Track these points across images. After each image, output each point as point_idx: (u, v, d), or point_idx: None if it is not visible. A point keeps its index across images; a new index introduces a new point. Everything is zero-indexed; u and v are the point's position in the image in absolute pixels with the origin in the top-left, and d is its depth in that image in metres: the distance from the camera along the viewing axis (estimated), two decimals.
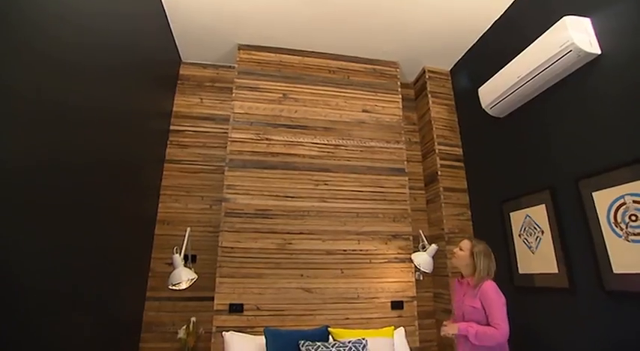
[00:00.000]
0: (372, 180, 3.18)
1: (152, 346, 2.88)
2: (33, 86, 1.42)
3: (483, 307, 2.11)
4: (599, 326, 2.12)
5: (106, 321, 2.24)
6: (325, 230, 2.97)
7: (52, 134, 1.56)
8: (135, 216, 2.70)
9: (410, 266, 3.04)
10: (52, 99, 1.55)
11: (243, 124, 3.12)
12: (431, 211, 3.53)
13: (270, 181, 3.00)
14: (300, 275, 2.84)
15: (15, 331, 1.39)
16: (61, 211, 1.66)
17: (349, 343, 2.25)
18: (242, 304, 2.71)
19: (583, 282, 2.25)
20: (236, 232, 2.84)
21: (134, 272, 2.78)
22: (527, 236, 2.72)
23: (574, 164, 2.34)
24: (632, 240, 1.96)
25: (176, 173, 3.29)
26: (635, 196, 1.96)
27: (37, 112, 1.46)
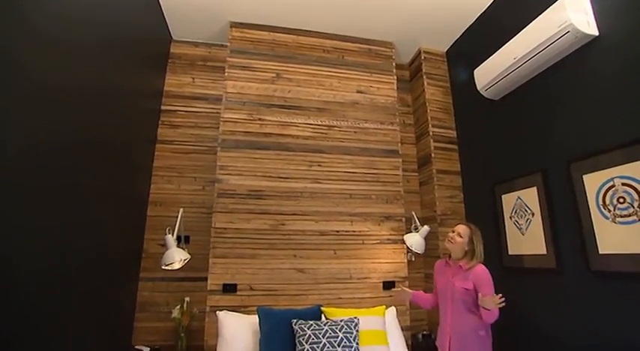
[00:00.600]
0: (366, 161, 3.17)
1: (147, 325, 2.91)
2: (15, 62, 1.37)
3: (474, 289, 2.18)
4: (585, 305, 2.18)
5: (99, 301, 2.24)
6: (318, 211, 2.98)
7: (37, 113, 1.51)
8: (127, 197, 2.67)
9: (402, 247, 3.07)
10: (35, 75, 1.49)
11: (235, 104, 3.07)
12: (424, 193, 3.55)
13: (263, 161, 2.98)
14: (294, 256, 2.86)
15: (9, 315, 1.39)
16: (50, 193, 1.63)
17: (341, 321, 2.29)
18: (235, 285, 2.73)
19: (570, 262, 2.30)
20: (229, 213, 2.83)
21: (127, 253, 2.77)
22: (517, 218, 2.76)
23: (566, 147, 2.35)
24: (618, 222, 2.00)
25: (168, 154, 3.25)
26: (624, 179, 1.98)
27: (20, 90, 1.41)
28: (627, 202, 1.96)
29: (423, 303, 2.52)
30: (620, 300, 2.00)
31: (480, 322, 2.21)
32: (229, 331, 2.45)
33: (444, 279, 2.34)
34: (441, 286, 2.36)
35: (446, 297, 2.29)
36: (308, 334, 2.17)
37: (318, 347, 2.11)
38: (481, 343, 2.20)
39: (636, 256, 1.92)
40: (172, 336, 2.86)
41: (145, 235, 3.05)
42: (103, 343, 2.37)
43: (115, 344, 2.61)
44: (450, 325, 2.25)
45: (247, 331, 2.44)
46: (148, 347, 2.76)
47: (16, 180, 1.39)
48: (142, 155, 3.01)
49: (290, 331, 2.26)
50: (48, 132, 1.59)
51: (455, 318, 2.23)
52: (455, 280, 2.26)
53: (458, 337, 2.21)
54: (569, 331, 2.27)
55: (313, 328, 2.21)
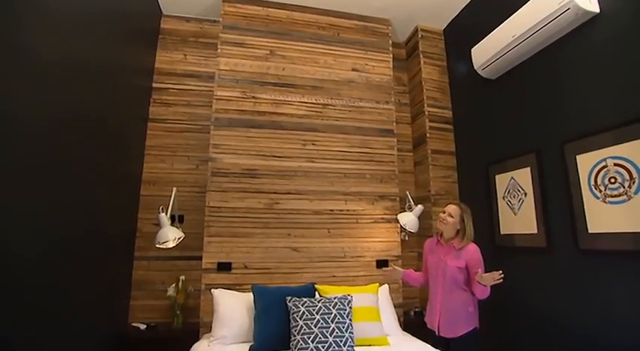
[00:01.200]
0: (361, 141, 3.15)
1: (142, 303, 2.94)
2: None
3: (466, 268, 2.23)
4: (573, 282, 2.24)
5: (94, 280, 2.24)
6: (313, 190, 2.97)
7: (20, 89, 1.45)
8: (119, 176, 2.64)
9: (396, 226, 3.10)
10: (18, 50, 1.43)
11: (228, 82, 3.01)
12: (418, 173, 3.55)
13: (257, 140, 2.95)
14: (288, 234, 2.87)
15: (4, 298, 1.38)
16: (39, 173, 1.60)
17: (335, 298, 2.31)
18: (230, 263, 2.74)
19: (560, 241, 2.34)
20: (223, 192, 2.82)
21: (121, 232, 2.76)
22: (510, 198, 2.78)
23: (561, 128, 2.36)
24: (609, 201, 2.03)
25: (161, 133, 3.20)
26: (616, 159, 2.00)
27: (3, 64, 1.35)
28: (618, 182, 1.98)
29: (413, 281, 2.58)
30: (606, 277, 2.05)
31: (470, 299, 2.27)
32: (224, 308, 2.47)
33: (435, 258, 2.38)
34: (432, 264, 2.39)
35: (437, 275, 2.33)
36: (302, 311, 2.20)
37: (312, 323, 2.14)
38: (469, 318, 2.26)
39: (623, 234, 1.96)
40: (168, 314, 2.89)
41: (139, 214, 3.04)
42: (100, 321, 2.39)
43: (112, 322, 2.64)
44: (441, 303, 2.30)
45: (242, 309, 2.47)
46: (145, 324, 2.79)
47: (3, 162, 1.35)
48: (133, 134, 2.96)
49: (284, 308, 2.29)
50: (34, 110, 1.53)
51: (445, 295, 2.28)
52: (447, 258, 2.30)
53: (448, 314, 2.27)
54: (557, 307, 2.33)
55: (307, 305, 2.24)
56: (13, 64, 1.40)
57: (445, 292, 2.29)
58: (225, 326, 2.40)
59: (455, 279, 2.26)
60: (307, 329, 2.12)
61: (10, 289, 1.40)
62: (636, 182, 1.90)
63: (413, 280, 2.57)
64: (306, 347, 2.06)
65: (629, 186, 1.93)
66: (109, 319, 2.57)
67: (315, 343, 2.07)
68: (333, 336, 2.11)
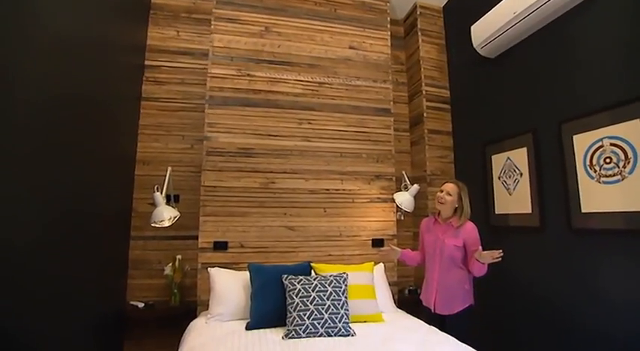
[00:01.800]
0: (357, 120, 3.12)
1: (140, 282, 2.96)
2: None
3: (464, 246, 2.26)
4: (564, 261, 2.28)
5: (91, 260, 2.25)
6: (309, 169, 2.96)
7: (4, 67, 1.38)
8: (113, 156, 2.60)
9: (391, 206, 3.10)
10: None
11: (223, 60, 2.94)
12: (415, 153, 3.54)
13: (252, 119, 2.91)
14: (284, 214, 2.87)
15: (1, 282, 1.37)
16: (31, 154, 1.55)
17: (330, 276, 2.34)
18: (226, 242, 2.75)
19: (553, 221, 2.37)
20: (218, 171, 2.80)
21: (116, 212, 2.75)
22: (506, 178, 2.79)
23: (559, 107, 2.35)
24: (603, 181, 2.05)
25: (154, 112, 3.15)
26: (613, 139, 2.01)
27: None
28: (613, 162, 1.99)
29: (410, 261, 2.59)
30: (597, 256, 2.09)
31: (466, 277, 2.30)
32: (221, 286, 2.49)
33: (433, 236, 2.39)
34: (430, 243, 2.41)
35: (434, 253, 2.35)
36: (298, 289, 2.22)
37: (308, 300, 2.17)
38: (465, 296, 2.29)
39: (615, 214, 1.99)
40: (166, 292, 2.92)
41: (134, 194, 3.02)
42: (98, 299, 2.41)
43: (111, 300, 2.66)
44: (437, 281, 2.32)
45: (239, 287, 2.49)
46: (143, 303, 2.82)
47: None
48: (126, 113, 2.90)
49: (280, 286, 2.31)
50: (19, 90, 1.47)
51: (442, 273, 2.31)
52: (445, 237, 2.31)
53: (444, 292, 2.30)
54: (549, 285, 2.38)
55: (303, 282, 2.26)
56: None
57: (442, 270, 2.31)
58: (222, 304, 2.43)
59: (452, 257, 2.28)
60: (303, 306, 2.15)
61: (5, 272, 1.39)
62: (631, 162, 1.91)
63: (410, 259, 2.57)
64: (302, 323, 2.09)
65: (624, 166, 1.94)
66: (108, 297, 2.59)
67: (311, 320, 2.10)
68: (328, 313, 2.14)
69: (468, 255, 2.27)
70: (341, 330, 2.11)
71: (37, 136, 1.59)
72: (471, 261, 2.21)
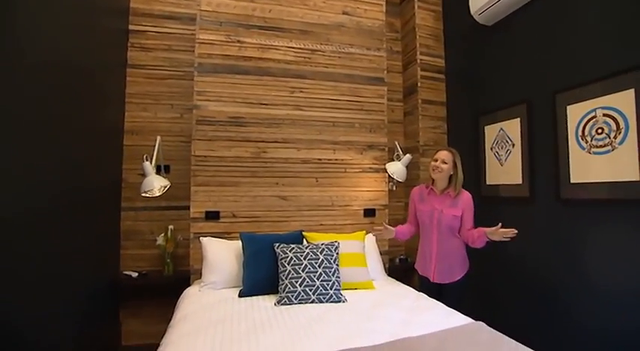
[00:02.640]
0: (350, 88, 3.05)
1: (133, 252, 2.97)
2: None
3: (461, 215, 2.27)
4: (552, 230, 2.32)
5: (83, 232, 2.24)
6: (300, 139, 2.92)
7: None
8: (100, 126, 2.52)
9: (384, 176, 3.10)
10: None
11: (211, 25, 2.82)
12: (408, 123, 3.51)
13: (243, 87, 2.83)
14: (276, 183, 2.86)
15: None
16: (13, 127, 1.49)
17: (322, 244, 2.35)
18: (218, 212, 2.74)
19: (542, 191, 2.40)
20: (209, 141, 2.75)
21: (106, 183, 2.70)
22: (498, 149, 2.79)
23: (554, 77, 2.33)
24: (593, 152, 2.06)
25: (141, 80, 3.05)
26: (606, 109, 2.01)
27: None
28: (605, 132, 2.00)
29: (402, 236, 2.51)
30: (582, 225, 2.14)
31: (462, 244, 2.34)
32: (213, 255, 2.51)
33: (428, 207, 2.37)
34: (425, 213, 2.38)
35: (431, 224, 2.34)
36: (290, 257, 2.24)
37: (300, 268, 2.19)
38: (463, 264, 2.35)
39: (602, 184, 2.02)
40: (159, 262, 2.94)
41: (124, 165, 2.98)
42: (92, 270, 2.42)
43: (104, 270, 2.67)
44: (436, 251, 2.33)
45: (231, 255, 2.51)
46: (136, 272, 2.84)
47: None
48: (111, 81, 2.80)
49: (272, 254, 2.33)
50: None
51: (441, 243, 2.32)
52: (443, 207, 2.31)
53: (444, 261, 2.32)
54: (536, 254, 2.43)
55: (295, 250, 2.27)
56: None
57: (441, 241, 2.32)
58: (215, 272, 2.45)
59: (451, 227, 2.30)
60: (295, 274, 2.18)
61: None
62: (622, 132, 1.92)
63: (403, 234, 2.50)
64: (294, 291, 2.13)
65: (615, 137, 1.95)
66: (101, 268, 2.60)
67: (303, 287, 2.14)
68: (320, 280, 2.17)
69: (463, 224, 2.29)
70: (332, 297, 2.15)
71: (18, 109, 1.52)
72: (476, 234, 2.20)
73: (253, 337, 1.62)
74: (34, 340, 1.70)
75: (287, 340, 1.59)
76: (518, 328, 1.97)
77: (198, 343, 1.56)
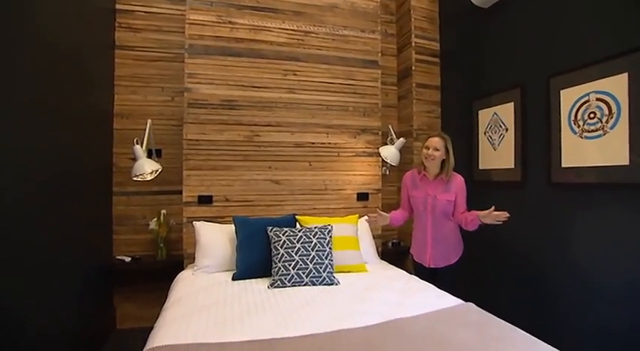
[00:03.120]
0: (344, 72, 3.01)
1: (125, 237, 2.96)
2: None
3: (455, 199, 2.29)
4: (542, 214, 2.35)
5: (74, 217, 2.22)
6: (294, 122, 2.89)
7: None
8: (88, 109, 2.46)
9: (377, 160, 3.10)
10: None
11: (202, 5, 2.75)
12: (402, 107, 3.49)
13: (235, 69, 2.78)
14: (269, 167, 2.84)
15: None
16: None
17: (315, 228, 2.36)
18: (211, 196, 2.73)
19: (534, 176, 2.42)
20: (201, 124, 2.71)
21: (96, 168, 2.66)
22: (491, 134, 2.79)
23: (548, 61, 2.32)
24: (585, 136, 2.07)
25: (130, 61, 2.98)
26: (599, 94, 2.00)
27: None
28: (597, 117, 2.00)
29: (397, 222, 2.48)
30: (572, 208, 2.16)
31: (456, 227, 2.36)
32: (206, 239, 2.51)
33: (421, 192, 2.37)
34: (418, 199, 2.38)
35: (425, 210, 2.35)
36: (283, 240, 2.24)
37: (293, 251, 2.20)
38: (458, 247, 2.38)
39: (592, 168, 2.04)
40: (152, 247, 2.93)
41: (114, 149, 2.93)
42: (85, 255, 2.41)
43: (97, 256, 2.66)
44: (431, 236, 2.34)
45: (224, 239, 2.51)
46: (129, 257, 2.84)
47: None
48: (99, 62, 2.72)
49: (265, 238, 2.33)
50: None
51: (436, 229, 2.33)
52: (436, 193, 2.31)
53: (440, 246, 2.34)
54: (526, 237, 2.46)
55: (288, 234, 2.28)
56: None
57: (435, 226, 2.33)
58: (208, 256, 2.45)
59: (445, 212, 2.31)
60: (288, 257, 2.18)
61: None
62: (614, 117, 1.92)
63: (397, 220, 2.47)
64: (287, 273, 2.14)
65: (607, 121, 1.95)
66: (93, 253, 2.59)
67: (296, 270, 2.15)
68: (313, 263, 2.18)
69: (456, 207, 2.31)
70: (325, 279, 2.17)
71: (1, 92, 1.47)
72: (469, 216, 2.22)
73: (246, 319, 1.63)
74: (29, 325, 1.71)
75: (280, 322, 1.61)
76: (507, 309, 2.01)
77: (191, 325, 1.57)
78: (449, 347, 1.34)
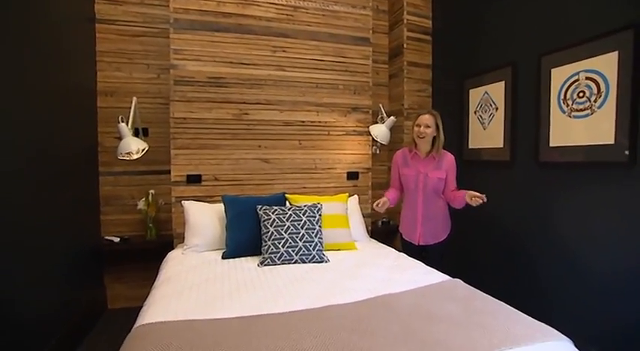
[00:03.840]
0: (334, 49, 2.95)
1: (113, 218, 2.92)
2: None
3: (446, 177, 2.32)
4: (529, 193, 2.38)
5: (59, 198, 2.18)
6: (283, 100, 2.85)
7: None
8: (67, 86, 2.37)
9: (367, 139, 3.08)
10: None
11: None
12: (392, 86, 3.45)
13: (222, 45, 2.70)
14: (258, 146, 2.81)
15: None
16: None
17: (305, 206, 2.36)
18: (200, 175, 2.70)
19: (522, 155, 2.44)
20: (188, 102, 2.65)
21: (80, 148, 2.60)
22: (482, 113, 2.79)
23: (540, 40, 2.31)
24: (573, 116, 2.08)
25: (113, 36, 2.87)
26: (589, 73, 2.01)
27: None
28: (586, 96, 2.01)
29: (394, 202, 2.47)
30: (558, 187, 2.20)
31: (446, 205, 2.39)
32: (196, 218, 2.49)
33: (413, 170, 2.38)
34: (409, 177, 2.38)
35: (417, 188, 2.36)
36: (272, 219, 2.24)
37: (282, 229, 2.20)
38: (446, 225, 2.42)
39: (579, 147, 2.07)
40: (141, 227, 2.91)
41: (99, 128, 2.86)
42: (72, 236, 2.39)
43: (84, 236, 2.63)
44: (422, 214, 2.37)
45: (214, 218, 2.50)
46: (118, 237, 2.81)
47: None
48: (78, 36, 2.59)
49: (255, 216, 2.33)
50: None
51: (427, 206, 2.35)
52: (428, 170, 2.32)
53: (431, 223, 2.37)
54: (513, 216, 2.50)
55: (277, 212, 2.28)
56: None
57: (426, 203, 2.35)
58: (198, 235, 2.45)
59: (436, 190, 2.33)
60: (278, 235, 2.19)
61: None
62: (602, 96, 1.93)
63: (394, 200, 2.45)
64: (277, 251, 2.15)
65: (595, 100, 1.96)
66: (81, 234, 2.56)
67: (286, 248, 2.16)
68: (302, 241, 2.19)
69: (447, 185, 2.34)
70: (315, 257, 2.19)
71: None
72: (457, 194, 2.25)
73: (236, 296, 1.65)
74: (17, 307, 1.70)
75: (270, 299, 1.62)
76: (494, 285, 2.07)
77: (181, 302, 1.57)
78: (434, 320, 1.37)
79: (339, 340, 1.21)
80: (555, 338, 1.27)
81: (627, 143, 1.82)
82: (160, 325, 1.35)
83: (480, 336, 1.25)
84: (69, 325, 2.24)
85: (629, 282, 1.83)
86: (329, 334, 1.24)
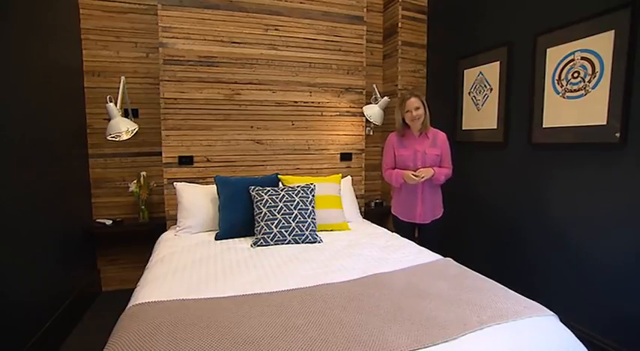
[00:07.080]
0: (328, 27, 2.89)
1: (105, 200, 2.90)
2: None
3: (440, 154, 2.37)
4: (521, 174, 2.39)
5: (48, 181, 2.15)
6: (276, 80, 2.80)
7: None
8: (50, 64, 2.29)
9: (361, 120, 3.06)
10: None
11: None
12: (387, 66, 3.41)
13: (213, 23, 2.63)
14: (250, 127, 2.78)
15: None
16: None
17: (298, 187, 2.35)
18: (192, 157, 2.67)
19: (515, 136, 2.45)
20: (178, 82, 2.59)
21: (67, 129, 2.54)
22: (476, 94, 2.77)
23: (536, 19, 2.27)
24: (567, 97, 2.08)
25: (98, 13, 2.77)
26: (584, 52, 1.99)
27: None
28: (580, 76, 2.00)
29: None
30: (549, 167, 2.21)
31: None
32: (188, 200, 2.48)
33: (409, 150, 2.39)
34: (408, 157, 2.39)
35: (415, 166, 2.37)
36: (265, 199, 2.23)
37: (275, 210, 2.20)
38: (441, 201, 2.48)
39: (572, 128, 2.07)
40: (133, 209, 2.89)
41: (87, 109, 2.79)
42: (63, 219, 2.37)
43: (76, 219, 2.60)
44: (423, 191, 2.39)
45: (206, 199, 2.49)
46: (110, 220, 2.79)
47: None
48: (58, 12, 2.47)
49: (248, 197, 2.32)
50: None
51: (427, 183, 2.37)
52: (424, 148, 2.36)
53: (430, 200, 2.41)
54: (505, 196, 2.52)
55: (270, 193, 2.27)
56: None
57: (426, 181, 2.35)
58: (190, 217, 2.44)
59: (433, 165, 2.37)
60: (271, 216, 2.19)
61: None
62: (597, 76, 1.92)
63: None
64: (270, 232, 2.15)
65: (589, 80, 1.96)
66: (72, 217, 2.53)
67: (279, 228, 2.16)
68: (295, 221, 2.20)
69: (442, 162, 2.40)
70: (308, 237, 2.19)
71: None
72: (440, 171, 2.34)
73: (229, 276, 1.65)
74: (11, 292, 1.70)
75: (263, 278, 1.63)
76: (484, 264, 2.10)
77: (174, 283, 1.58)
78: (425, 297, 1.39)
79: (331, 317, 1.22)
80: (542, 314, 1.30)
81: (618, 125, 1.82)
82: (152, 304, 1.35)
83: (470, 312, 1.27)
84: (63, 308, 2.25)
85: (617, 261, 1.87)
86: (321, 312, 1.26)
